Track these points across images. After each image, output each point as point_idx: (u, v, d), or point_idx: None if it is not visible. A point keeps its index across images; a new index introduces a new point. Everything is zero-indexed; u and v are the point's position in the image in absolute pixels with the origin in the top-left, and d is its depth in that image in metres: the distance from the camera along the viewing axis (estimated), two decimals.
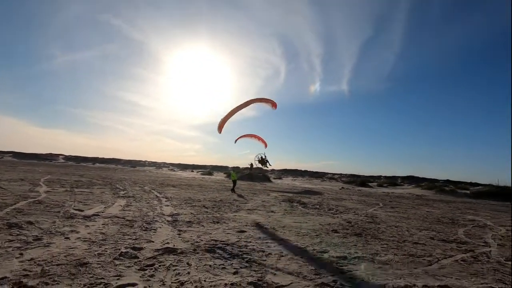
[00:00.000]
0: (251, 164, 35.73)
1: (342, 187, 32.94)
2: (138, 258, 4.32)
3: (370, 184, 41.25)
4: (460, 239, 7.43)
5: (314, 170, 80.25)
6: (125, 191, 13.34)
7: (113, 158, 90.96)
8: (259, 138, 24.86)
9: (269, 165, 25.66)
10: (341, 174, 72.75)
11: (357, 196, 21.03)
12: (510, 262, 5.40)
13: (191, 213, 8.62)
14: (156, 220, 7.20)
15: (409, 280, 4.13)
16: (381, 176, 70.98)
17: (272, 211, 10.31)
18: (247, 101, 16.97)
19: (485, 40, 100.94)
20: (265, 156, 22.85)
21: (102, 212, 7.73)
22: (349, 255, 5.21)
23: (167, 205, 9.92)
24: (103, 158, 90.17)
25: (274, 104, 17.46)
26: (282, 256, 4.94)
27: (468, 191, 28.66)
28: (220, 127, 20.07)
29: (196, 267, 4.08)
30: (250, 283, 3.62)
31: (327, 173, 74.21)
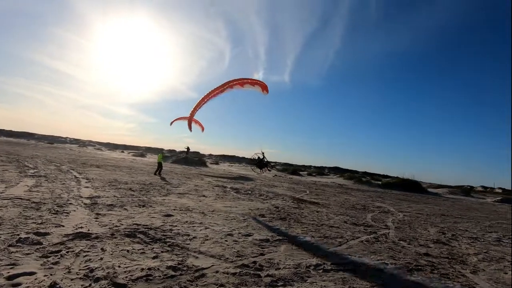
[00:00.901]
0: (188, 148, 34.80)
1: (276, 175, 34.55)
2: (41, 244, 3.83)
3: (301, 173, 44.14)
4: (368, 223, 8.51)
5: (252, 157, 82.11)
6: (35, 170, 11.67)
7: (25, 132, 78.31)
8: (196, 121, 24.23)
9: (269, 169, 16.36)
10: (276, 162, 76.05)
11: (287, 183, 22.31)
12: (402, 242, 6.42)
13: (115, 196, 8.01)
14: (70, 203, 6.48)
15: (321, 259, 4.57)
16: (311, 166, 76.49)
17: (203, 196, 10.24)
18: (227, 83, 12.56)
19: (415, 46, 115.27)
20: (264, 157, 15.65)
21: (1, 193, 6.63)
22: (272, 238, 5.51)
23: (87, 187, 9.02)
24: (12, 130, 76.96)
25: (264, 87, 12.87)
26: (207, 239, 4.96)
27: (380, 182, 32.92)
28: (189, 123, 16.46)
29: (111, 253, 3.81)
30: (169, 267, 3.54)
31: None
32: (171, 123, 26.59)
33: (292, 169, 45.70)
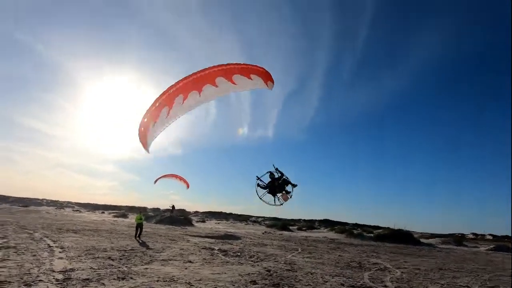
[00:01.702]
0: (173, 206, 33.55)
1: (265, 231, 33.22)
2: None
3: (290, 227, 42.75)
4: (366, 283, 8.01)
5: (239, 213, 79.67)
6: (4, 240, 10.70)
7: None
8: (181, 178, 23.91)
9: (292, 187, 10.40)
10: (264, 217, 73.89)
11: (278, 240, 21.36)
12: None
13: (91, 268, 7.30)
14: (40, 280, 5.82)
15: None
16: (301, 219, 74.59)
17: (189, 261, 9.53)
18: (205, 69, 8.10)
19: (381, 106, 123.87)
20: (281, 173, 10.33)
21: None
22: None
23: (61, 258, 8.24)
24: None
25: (268, 77, 8.69)
26: None
27: (372, 234, 32.13)
28: (143, 134, 9.50)
29: None
30: None
31: (251, 216, 74.49)
32: (156, 181, 26.04)
33: (282, 224, 44.31)
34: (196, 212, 76.87)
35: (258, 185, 9.89)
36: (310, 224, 55.56)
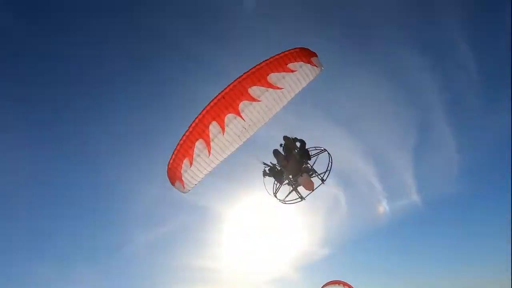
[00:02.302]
0: None
1: None
2: None
3: None
4: None
5: None
6: None
7: None
8: (344, 284, 23.06)
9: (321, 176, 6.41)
10: None
11: None
12: None
13: None
14: None
15: None
16: None
17: None
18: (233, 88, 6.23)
19: None
20: (301, 142, 6.46)
21: None
22: None
23: None
24: None
25: (308, 53, 6.57)
26: None
27: None
28: (173, 174, 7.07)
29: None
30: None
31: None
32: None
33: None
34: None
35: (265, 172, 6.20)
36: None
